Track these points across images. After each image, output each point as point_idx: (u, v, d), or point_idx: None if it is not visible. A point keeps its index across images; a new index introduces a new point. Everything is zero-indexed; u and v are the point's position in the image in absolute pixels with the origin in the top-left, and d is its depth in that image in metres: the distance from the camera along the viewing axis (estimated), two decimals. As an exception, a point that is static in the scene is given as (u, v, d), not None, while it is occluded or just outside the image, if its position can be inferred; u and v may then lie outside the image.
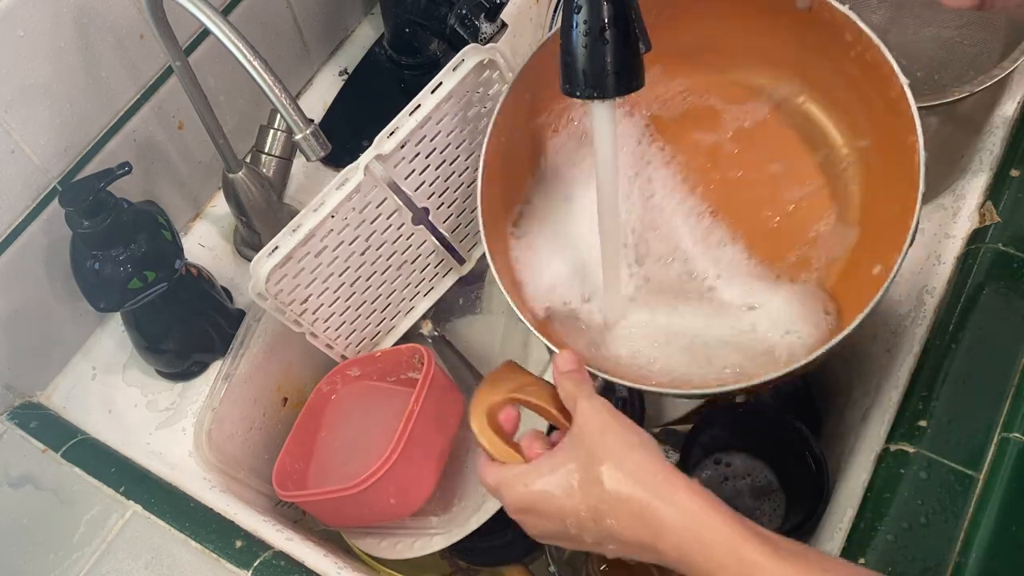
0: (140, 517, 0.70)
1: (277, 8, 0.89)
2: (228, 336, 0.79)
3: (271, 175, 0.87)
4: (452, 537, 0.71)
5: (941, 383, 0.65)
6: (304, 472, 0.79)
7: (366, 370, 0.81)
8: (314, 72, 0.99)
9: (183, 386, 0.80)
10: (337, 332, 0.78)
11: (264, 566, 0.66)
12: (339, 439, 0.80)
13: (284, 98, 0.60)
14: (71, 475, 0.72)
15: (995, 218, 0.73)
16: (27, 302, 0.75)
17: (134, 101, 0.77)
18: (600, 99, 0.53)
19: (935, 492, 0.60)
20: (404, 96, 0.73)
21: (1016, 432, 0.61)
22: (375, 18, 1.02)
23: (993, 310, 0.68)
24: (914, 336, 0.70)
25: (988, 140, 0.78)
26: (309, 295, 0.74)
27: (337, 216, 0.71)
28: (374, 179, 0.72)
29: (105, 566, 0.68)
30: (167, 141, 0.82)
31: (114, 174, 0.66)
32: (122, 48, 0.74)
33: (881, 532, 0.60)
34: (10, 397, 0.78)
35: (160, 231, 0.71)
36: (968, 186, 0.76)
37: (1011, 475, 0.60)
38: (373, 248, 0.76)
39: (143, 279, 0.69)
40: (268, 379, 0.81)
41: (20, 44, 0.66)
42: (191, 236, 0.88)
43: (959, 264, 0.73)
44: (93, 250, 0.68)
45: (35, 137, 0.70)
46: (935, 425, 0.63)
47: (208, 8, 0.59)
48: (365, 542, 0.76)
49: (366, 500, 0.69)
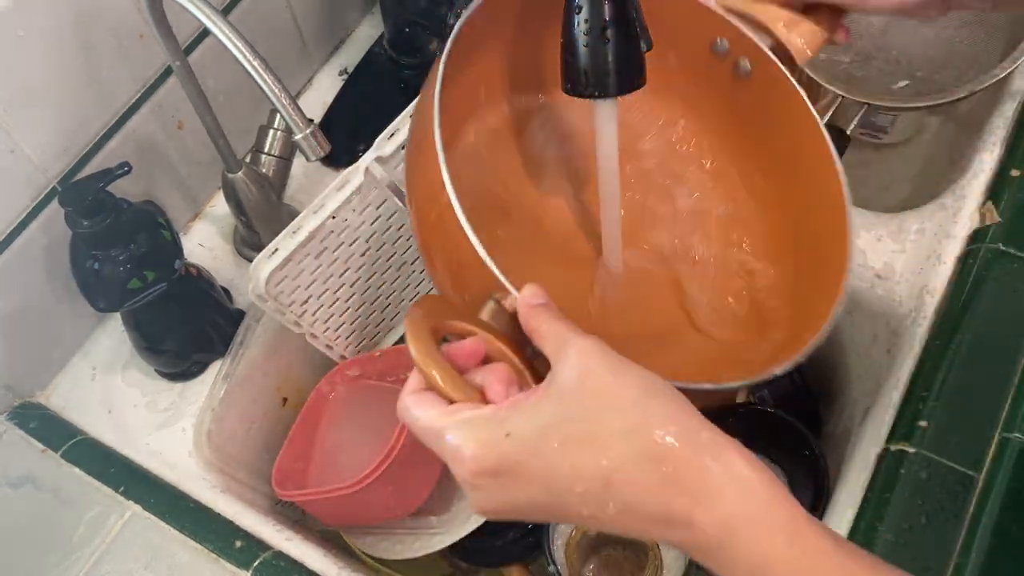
0: (140, 517, 0.70)
1: (277, 8, 0.89)
2: (228, 336, 0.79)
3: (271, 175, 0.87)
4: (452, 537, 0.71)
5: (941, 383, 0.65)
6: (304, 472, 0.79)
7: (366, 370, 0.81)
8: (314, 72, 0.99)
9: (183, 386, 0.80)
10: (337, 333, 0.78)
11: (264, 566, 0.66)
12: (339, 439, 0.80)
13: (284, 98, 0.60)
14: (71, 475, 0.72)
15: (995, 218, 0.73)
16: (27, 302, 0.75)
17: (134, 101, 0.77)
18: (603, 98, 0.53)
19: (935, 492, 0.60)
20: (404, 96, 0.73)
21: (1016, 432, 0.61)
22: (375, 18, 1.02)
23: (993, 310, 0.68)
24: (914, 336, 0.70)
25: (988, 140, 0.78)
26: (309, 296, 0.74)
27: (337, 218, 0.71)
28: (374, 181, 0.72)
29: (105, 566, 0.68)
30: (167, 141, 0.82)
31: (114, 174, 0.66)
32: (122, 48, 0.74)
33: (881, 532, 0.60)
34: (10, 397, 0.78)
35: (160, 231, 0.71)
36: (968, 186, 0.76)
37: (1011, 475, 0.60)
38: (373, 249, 0.76)
39: (143, 279, 0.69)
40: (268, 379, 0.81)
41: (20, 44, 0.66)
42: (191, 236, 0.88)
43: (959, 264, 0.73)
44: (93, 250, 0.68)
45: (35, 137, 0.70)
46: (935, 425, 0.63)
47: (208, 8, 0.59)
48: (365, 542, 0.77)
49: (365, 499, 0.69)
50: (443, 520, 0.73)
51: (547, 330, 0.42)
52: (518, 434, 0.38)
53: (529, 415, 0.39)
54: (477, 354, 0.43)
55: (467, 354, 0.43)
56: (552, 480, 0.38)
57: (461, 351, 0.43)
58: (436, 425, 0.40)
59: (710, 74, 0.62)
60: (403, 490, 0.70)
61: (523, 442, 0.38)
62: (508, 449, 0.38)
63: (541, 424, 0.38)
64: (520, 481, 0.38)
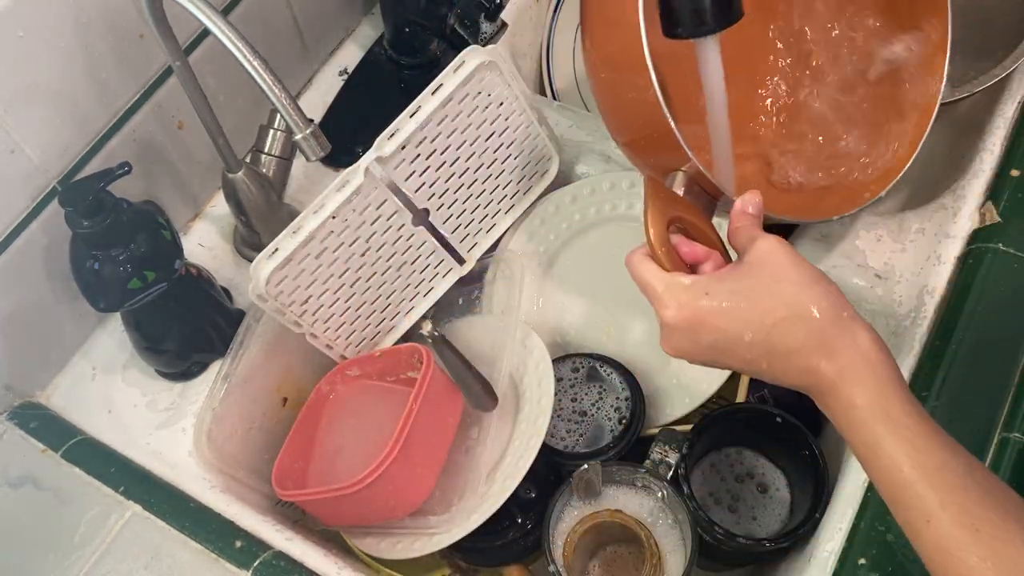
0: (140, 517, 0.70)
1: (277, 8, 0.89)
2: (228, 336, 0.79)
3: (271, 175, 0.87)
4: (452, 537, 0.71)
5: (941, 383, 0.65)
6: (304, 472, 0.79)
7: (366, 370, 0.81)
8: (314, 72, 0.99)
9: (183, 386, 0.80)
10: (337, 333, 0.78)
11: (264, 566, 0.66)
12: (339, 439, 0.80)
13: (284, 98, 0.60)
14: (71, 475, 0.72)
15: (995, 218, 0.73)
16: (27, 302, 0.75)
17: (134, 101, 0.77)
18: (704, 35, 0.57)
19: (935, 492, 0.60)
20: (404, 96, 0.73)
21: (1016, 432, 0.61)
22: (375, 18, 1.02)
23: (993, 310, 0.68)
24: (914, 336, 0.70)
25: (988, 140, 0.78)
26: (309, 296, 0.74)
27: (337, 218, 0.71)
28: (374, 181, 0.72)
29: (105, 566, 0.68)
30: (167, 141, 0.82)
31: (114, 174, 0.66)
32: (122, 48, 0.74)
33: (881, 532, 0.60)
34: (10, 397, 0.78)
35: (160, 231, 0.71)
36: (968, 186, 0.76)
37: (1011, 475, 0.60)
38: (373, 249, 0.76)
39: (143, 279, 0.69)
40: (268, 379, 0.81)
41: (20, 44, 0.66)
42: (191, 236, 0.88)
43: (959, 264, 0.73)
44: (93, 250, 0.68)
45: (35, 137, 0.70)
46: (935, 425, 0.63)
47: (208, 8, 0.59)
48: (365, 542, 0.76)
49: (365, 499, 0.69)
50: (443, 520, 0.73)
51: (741, 229, 0.57)
52: (714, 294, 0.53)
53: (724, 282, 0.54)
54: (696, 254, 0.59)
55: (693, 254, 0.59)
56: (732, 327, 0.53)
57: (691, 252, 0.59)
58: (654, 281, 0.55)
59: None
60: (403, 490, 0.70)
61: (717, 300, 0.53)
62: (705, 304, 0.53)
63: (732, 289, 0.53)
64: (707, 327, 0.53)
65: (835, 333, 0.51)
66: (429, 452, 0.71)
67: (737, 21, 0.57)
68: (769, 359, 0.53)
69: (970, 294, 0.69)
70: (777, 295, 0.52)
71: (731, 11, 0.56)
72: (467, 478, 0.76)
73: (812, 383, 0.52)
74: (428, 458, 0.71)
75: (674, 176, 0.63)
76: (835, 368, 0.50)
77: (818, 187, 0.78)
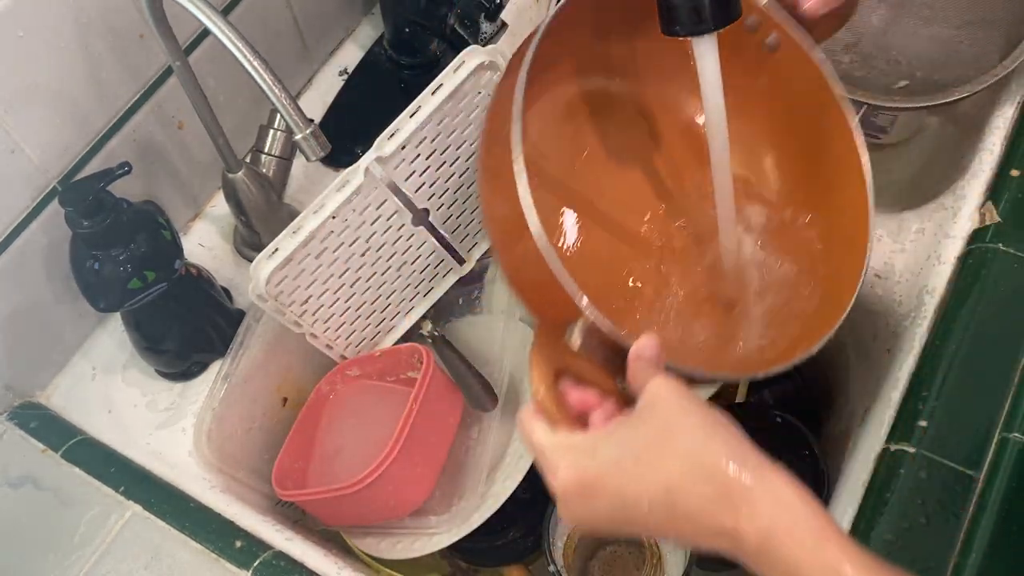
0: (140, 517, 0.70)
1: (277, 8, 0.89)
2: (228, 336, 0.79)
3: (271, 175, 0.87)
4: (453, 536, 0.71)
5: (941, 383, 0.65)
6: (304, 472, 0.79)
7: (366, 370, 0.81)
8: (314, 72, 0.99)
9: (183, 386, 0.80)
10: (337, 333, 0.78)
11: (264, 566, 0.66)
12: (339, 439, 0.80)
13: (284, 98, 0.60)
14: (71, 475, 0.72)
15: (995, 218, 0.73)
16: (27, 302, 0.75)
17: (134, 101, 0.77)
18: (702, 34, 0.56)
19: (935, 492, 0.60)
20: (404, 96, 0.73)
21: (1016, 432, 0.61)
22: (375, 18, 1.02)
23: (993, 310, 0.68)
24: (914, 336, 0.70)
25: (988, 140, 0.78)
26: (309, 296, 0.74)
27: (337, 218, 0.71)
28: (374, 181, 0.72)
29: (105, 566, 0.68)
30: (167, 141, 0.82)
31: (114, 174, 0.66)
32: (122, 48, 0.74)
33: (881, 532, 0.60)
34: (10, 397, 0.78)
35: (160, 231, 0.71)
36: (968, 186, 0.76)
37: (1011, 475, 0.60)
38: (373, 249, 0.76)
39: (143, 279, 0.69)
40: (268, 379, 0.81)
41: (20, 44, 0.66)
42: (191, 236, 0.88)
43: (959, 264, 0.73)
44: (93, 250, 0.68)
45: (35, 137, 0.70)
46: (935, 425, 0.63)
47: (208, 8, 0.59)
48: (365, 542, 0.77)
49: (365, 499, 0.69)
50: (443, 520, 0.73)
51: (636, 373, 0.50)
52: (602, 456, 0.46)
53: (613, 437, 0.47)
54: (587, 402, 0.52)
55: (584, 403, 0.51)
56: (626, 493, 0.45)
57: (582, 402, 0.51)
58: (544, 449, 0.48)
59: (740, 49, 0.63)
60: (403, 490, 0.70)
61: (605, 463, 0.46)
62: (592, 465, 0.46)
63: (621, 447, 0.46)
64: (599, 491, 0.46)
65: (746, 486, 0.43)
66: (429, 452, 0.71)
67: (736, 19, 0.56)
68: (674, 523, 0.45)
69: (970, 294, 0.69)
70: (670, 448, 0.45)
71: (730, 9, 0.56)
72: (467, 478, 0.76)
73: (731, 547, 0.44)
74: (428, 458, 0.71)
75: (572, 328, 0.55)
76: (756, 528, 0.42)
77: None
